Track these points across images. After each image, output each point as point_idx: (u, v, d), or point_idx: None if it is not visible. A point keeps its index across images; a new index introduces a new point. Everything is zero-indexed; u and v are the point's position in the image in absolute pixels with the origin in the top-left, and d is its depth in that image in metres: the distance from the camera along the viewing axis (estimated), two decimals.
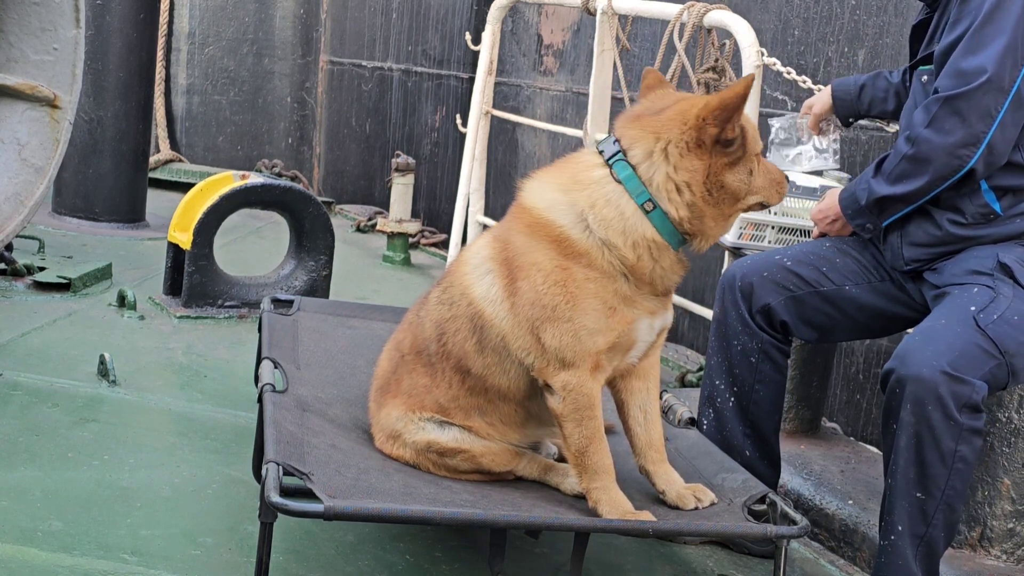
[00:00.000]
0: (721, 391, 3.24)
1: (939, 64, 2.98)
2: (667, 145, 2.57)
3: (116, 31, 6.14)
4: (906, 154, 2.95)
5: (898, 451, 2.77)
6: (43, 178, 4.65)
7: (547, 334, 2.59)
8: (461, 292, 2.75)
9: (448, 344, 2.76)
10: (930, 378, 2.70)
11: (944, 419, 2.71)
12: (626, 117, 2.69)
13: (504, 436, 2.80)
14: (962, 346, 2.74)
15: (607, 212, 2.58)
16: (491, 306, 2.68)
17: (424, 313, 2.87)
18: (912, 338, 2.81)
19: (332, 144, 8.70)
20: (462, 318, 2.73)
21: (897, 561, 2.80)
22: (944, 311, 2.87)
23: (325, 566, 2.81)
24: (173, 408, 3.80)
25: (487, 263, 2.71)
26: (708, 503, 2.74)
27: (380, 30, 8.18)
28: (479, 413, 2.77)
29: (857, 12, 5.13)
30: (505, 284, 2.66)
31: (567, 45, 6.84)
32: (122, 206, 6.26)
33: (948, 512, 2.80)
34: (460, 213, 6.12)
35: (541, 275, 2.60)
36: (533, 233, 2.63)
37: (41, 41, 4.60)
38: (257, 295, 4.82)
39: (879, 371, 4.97)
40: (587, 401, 2.61)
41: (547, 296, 2.58)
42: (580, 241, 2.59)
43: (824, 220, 3.31)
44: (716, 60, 4.54)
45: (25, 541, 2.72)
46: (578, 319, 2.57)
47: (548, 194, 2.66)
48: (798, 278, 3.19)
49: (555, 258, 2.59)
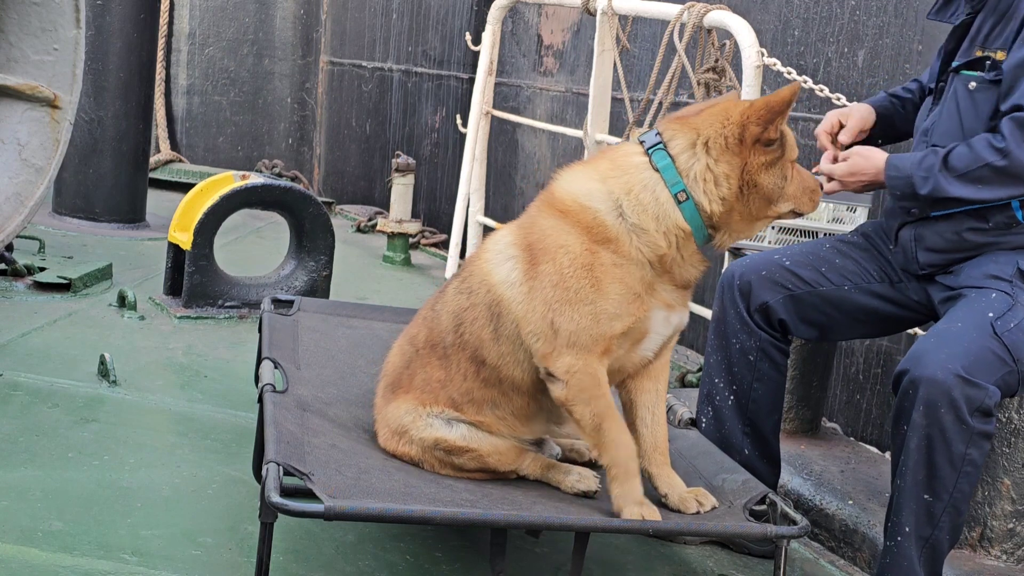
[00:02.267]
0: (720, 389, 3.24)
1: (1012, 77, 2.94)
2: (708, 139, 2.64)
3: (116, 31, 6.14)
4: (992, 163, 2.90)
5: (908, 452, 2.77)
6: (43, 178, 4.65)
7: (564, 316, 2.61)
8: (481, 279, 2.77)
9: (465, 334, 2.77)
10: (944, 380, 2.69)
11: (956, 422, 2.71)
12: (670, 116, 2.76)
13: (513, 430, 2.81)
14: (978, 351, 2.74)
15: (644, 197, 2.63)
16: (510, 289, 2.70)
17: (440, 306, 2.88)
18: (927, 340, 2.80)
19: (332, 145, 8.70)
20: (480, 306, 2.75)
21: (903, 563, 2.81)
22: (961, 314, 2.85)
23: (325, 566, 2.81)
24: (173, 408, 3.80)
25: (510, 249, 2.74)
26: (709, 508, 2.74)
27: (380, 31, 8.18)
28: (491, 406, 2.78)
29: (857, 13, 5.13)
30: (526, 268, 2.68)
31: (567, 45, 6.84)
32: (122, 206, 6.26)
33: (954, 515, 2.80)
34: (460, 213, 6.12)
35: (568, 257, 2.62)
36: (564, 218, 2.66)
37: (41, 41, 4.60)
38: (257, 295, 4.82)
39: (879, 371, 4.98)
40: (592, 381, 2.63)
41: (572, 278, 2.61)
42: (613, 227, 2.63)
43: (854, 179, 3.13)
44: (716, 60, 4.54)
45: (25, 541, 2.72)
46: (600, 303, 2.60)
47: (584, 183, 2.70)
48: (797, 277, 3.19)
49: (585, 242, 2.62)
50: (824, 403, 4.09)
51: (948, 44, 3.16)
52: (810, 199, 2.75)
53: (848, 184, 3.17)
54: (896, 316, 3.22)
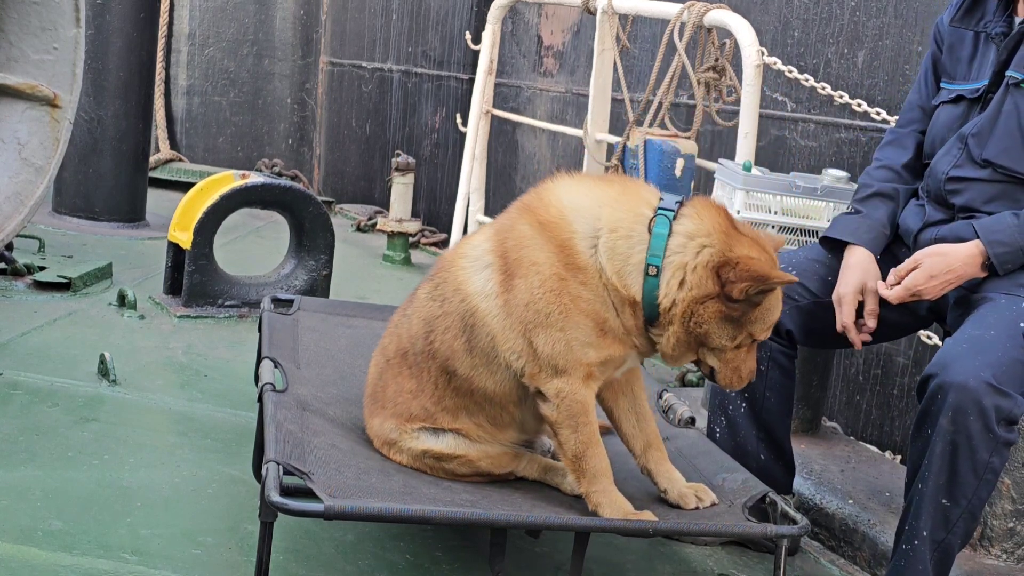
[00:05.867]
0: (732, 399, 3.24)
1: None
2: (706, 248, 2.53)
3: (116, 31, 6.14)
4: None
5: (932, 457, 2.74)
6: (43, 177, 4.65)
7: (540, 339, 2.56)
8: (455, 287, 2.69)
9: (436, 343, 2.71)
10: (975, 388, 2.67)
11: (983, 430, 2.69)
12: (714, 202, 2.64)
13: (494, 436, 2.77)
14: (1009, 361, 2.72)
15: (620, 244, 2.55)
16: (485, 301, 2.62)
17: (412, 310, 2.81)
18: (957, 345, 2.76)
19: (332, 145, 8.70)
20: (453, 315, 2.68)
21: (917, 566, 2.79)
22: (992, 320, 2.82)
23: (325, 565, 2.81)
24: (173, 408, 3.80)
25: (487, 256, 2.65)
26: (709, 503, 2.74)
27: (380, 31, 8.17)
28: (467, 413, 2.74)
29: (857, 13, 5.13)
30: (501, 279, 2.60)
31: (567, 46, 6.84)
32: (122, 205, 6.26)
33: (969, 520, 2.80)
34: (460, 213, 6.12)
35: (539, 278, 2.55)
36: (541, 231, 2.58)
37: (41, 40, 4.60)
38: (257, 294, 4.82)
39: (879, 371, 4.98)
40: (581, 408, 2.59)
41: (541, 301, 2.54)
42: (583, 254, 2.55)
43: (939, 281, 2.93)
44: (716, 60, 4.54)
45: (25, 541, 2.72)
46: (571, 331, 2.54)
47: (577, 196, 2.61)
48: (803, 288, 3.17)
49: (555, 264, 2.55)
50: (824, 403, 4.10)
51: (1000, 54, 3.07)
52: (736, 378, 2.63)
53: (934, 288, 2.94)
54: (902, 323, 3.20)
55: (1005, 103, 3.02)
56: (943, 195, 3.09)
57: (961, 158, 3.07)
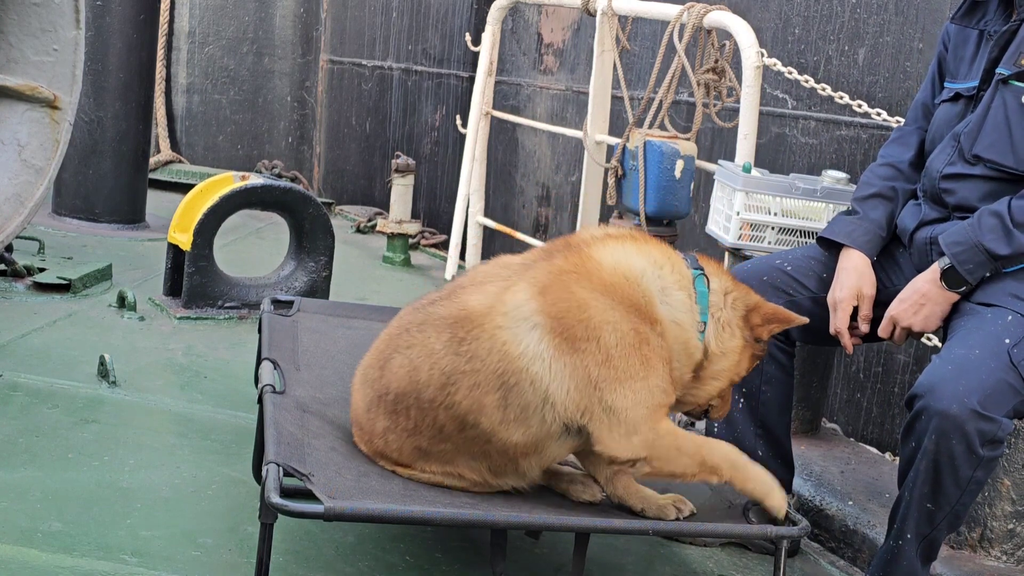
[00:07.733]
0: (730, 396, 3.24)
1: None
2: (736, 300, 2.78)
3: (116, 32, 6.13)
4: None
5: (917, 471, 2.78)
6: (43, 179, 4.65)
7: (617, 394, 2.56)
8: (491, 347, 2.59)
9: (457, 395, 2.62)
10: (959, 415, 2.68)
11: (966, 453, 2.71)
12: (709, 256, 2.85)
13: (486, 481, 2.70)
14: (994, 383, 2.72)
15: (686, 302, 2.71)
16: (535, 363, 2.56)
17: (418, 355, 2.68)
18: (943, 367, 2.75)
19: (332, 143, 8.70)
20: (485, 372, 2.59)
21: (902, 562, 2.86)
22: (977, 339, 2.81)
23: (325, 567, 2.81)
24: (173, 408, 3.80)
25: (534, 316, 2.58)
26: (688, 513, 2.74)
27: (380, 29, 8.17)
28: (468, 458, 2.68)
29: (857, 11, 5.13)
30: (559, 343, 2.56)
31: (567, 44, 6.84)
32: (122, 207, 6.25)
33: (954, 519, 2.85)
34: (460, 213, 6.12)
35: (616, 336, 2.58)
36: (606, 292, 2.61)
37: (41, 42, 4.59)
38: (257, 296, 4.82)
39: (879, 371, 4.98)
40: (669, 434, 2.64)
41: (620, 357, 2.57)
42: (657, 310, 2.66)
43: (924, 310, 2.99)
44: (716, 61, 4.54)
45: (25, 541, 2.72)
46: (652, 378, 2.61)
47: (634, 259, 2.70)
48: (798, 283, 3.18)
49: (632, 320, 2.61)
50: (824, 403, 4.09)
51: (992, 51, 3.06)
52: (722, 405, 2.85)
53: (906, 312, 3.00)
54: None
55: (994, 100, 3.01)
56: (938, 194, 3.09)
57: (954, 156, 3.06)
